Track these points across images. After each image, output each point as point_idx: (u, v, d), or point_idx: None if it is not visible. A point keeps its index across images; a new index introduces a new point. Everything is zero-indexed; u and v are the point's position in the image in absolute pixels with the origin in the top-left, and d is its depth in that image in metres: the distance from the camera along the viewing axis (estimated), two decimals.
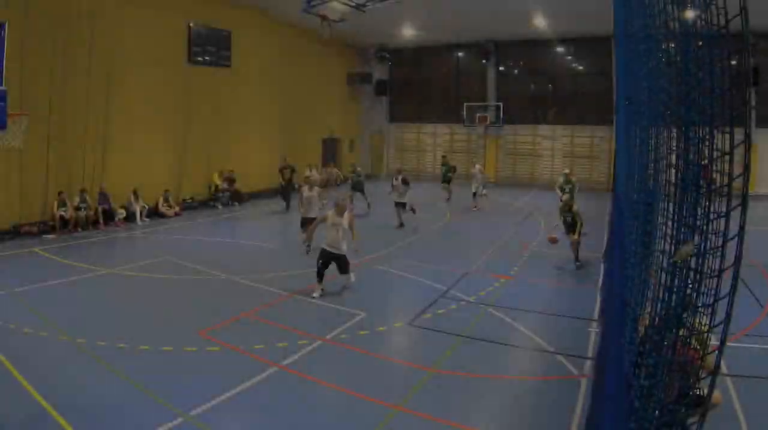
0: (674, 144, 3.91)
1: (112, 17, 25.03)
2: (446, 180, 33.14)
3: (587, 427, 7.80)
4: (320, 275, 14.75)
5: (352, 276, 15.46)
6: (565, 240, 18.42)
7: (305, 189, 20.04)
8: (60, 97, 23.21)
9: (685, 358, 3.38)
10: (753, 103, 32.72)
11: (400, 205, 24.72)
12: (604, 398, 6.62)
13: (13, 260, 18.57)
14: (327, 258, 14.77)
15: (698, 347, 3.37)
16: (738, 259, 2.74)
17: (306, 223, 18.86)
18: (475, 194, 30.73)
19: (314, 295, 14.58)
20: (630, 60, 9.14)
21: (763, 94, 32.41)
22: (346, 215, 15.05)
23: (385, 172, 46.31)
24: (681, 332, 3.30)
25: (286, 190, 28.88)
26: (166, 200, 27.08)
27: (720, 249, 2.88)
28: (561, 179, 26.42)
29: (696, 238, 3.07)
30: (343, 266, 15.07)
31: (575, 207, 18.42)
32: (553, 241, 18.49)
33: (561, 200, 20.18)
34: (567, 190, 24.09)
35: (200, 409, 8.88)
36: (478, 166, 31.26)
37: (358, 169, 30.69)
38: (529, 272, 17.46)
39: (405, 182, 24.53)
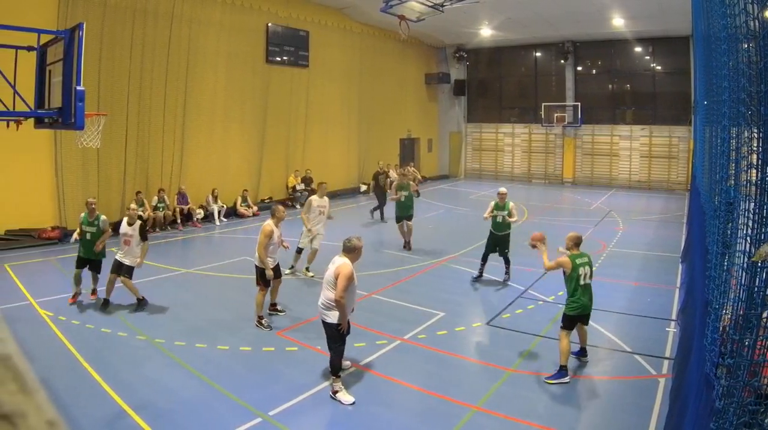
0: (755, 144, 3.90)
1: (190, 17, 25.43)
2: (406, 215, 20.23)
3: (666, 427, 7.76)
4: None
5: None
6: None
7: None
8: (137, 97, 23.63)
9: (765, 358, 3.38)
10: None
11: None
12: (684, 398, 6.60)
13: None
14: None
15: None
16: None
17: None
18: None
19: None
20: (709, 60, 9.06)
21: None
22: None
23: (463, 174, 46.40)
24: (761, 332, 3.31)
25: (380, 197, 27.34)
26: (244, 200, 27.23)
27: None
28: (492, 204, 17.14)
29: None
30: None
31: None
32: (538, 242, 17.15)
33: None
34: (500, 218, 16.77)
35: (278, 409, 9.00)
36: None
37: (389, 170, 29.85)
38: (607, 271, 17.32)
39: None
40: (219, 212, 26.04)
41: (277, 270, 13.09)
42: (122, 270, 13.61)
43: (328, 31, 33.14)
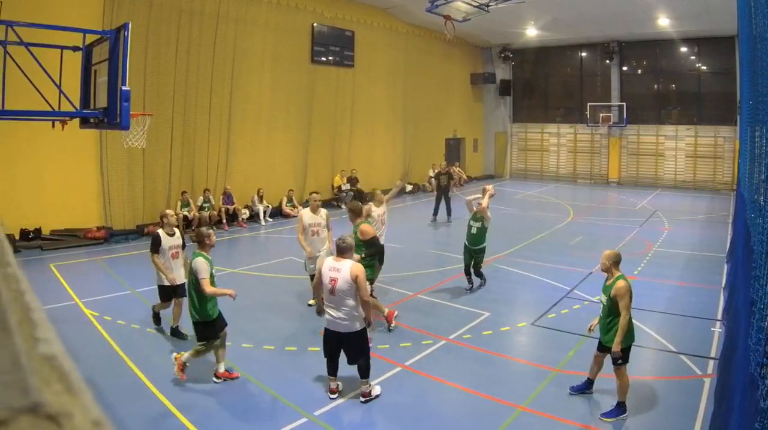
0: None
1: (236, 17, 25.59)
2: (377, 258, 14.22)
3: (712, 427, 7.77)
4: None
5: None
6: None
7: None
8: (183, 97, 23.83)
9: None
10: None
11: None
12: (729, 399, 6.63)
13: (137, 259, 18.86)
14: None
15: None
16: None
17: None
18: None
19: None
20: (755, 60, 9.05)
21: None
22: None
23: (508, 174, 46.34)
24: None
25: (439, 197, 26.86)
26: (289, 200, 27.20)
27: None
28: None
29: None
30: None
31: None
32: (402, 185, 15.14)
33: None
34: (474, 230, 15.29)
35: (324, 409, 9.05)
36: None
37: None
38: (652, 271, 17.25)
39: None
40: (264, 212, 26.15)
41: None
42: (180, 291, 12.06)
43: (373, 31, 33.21)
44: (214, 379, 9.99)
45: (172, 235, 12.26)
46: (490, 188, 15.34)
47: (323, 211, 14.13)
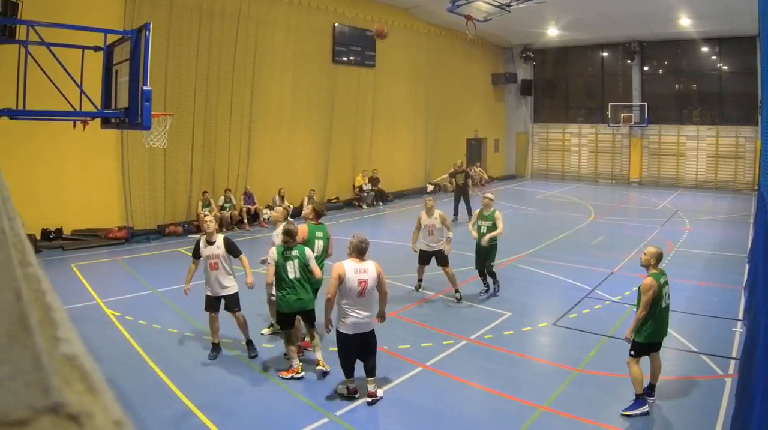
0: None
1: (257, 17, 25.67)
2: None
3: (733, 427, 7.82)
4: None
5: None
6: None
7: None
8: (204, 97, 23.93)
9: None
10: None
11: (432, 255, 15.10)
12: (750, 399, 6.68)
13: (159, 259, 19.12)
14: None
15: None
16: None
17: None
18: None
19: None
20: None
21: None
22: None
23: (530, 174, 46.36)
24: None
25: (458, 196, 26.89)
26: (310, 200, 27.07)
27: None
28: (476, 212, 15.51)
29: None
30: None
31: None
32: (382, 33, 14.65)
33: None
34: (484, 229, 14.80)
35: (345, 409, 9.09)
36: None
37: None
38: (673, 271, 17.14)
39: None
40: None
41: None
42: (227, 304, 11.12)
43: (394, 31, 32.77)
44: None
45: (211, 243, 10.93)
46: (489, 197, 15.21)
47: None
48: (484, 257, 14.96)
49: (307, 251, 10.39)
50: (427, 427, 8.72)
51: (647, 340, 9.07)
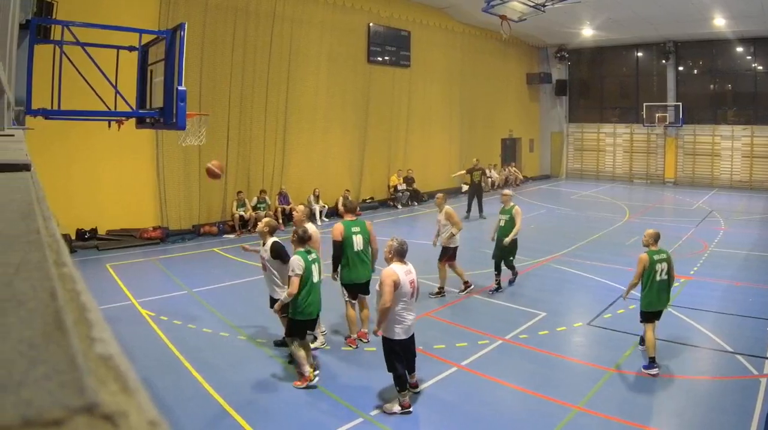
0: None
1: (292, 17, 25.84)
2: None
3: (767, 427, 7.88)
4: None
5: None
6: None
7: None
8: (239, 97, 24.14)
9: None
10: None
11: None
12: None
13: (194, 259, 19.34)
14: None
15: None
16: None
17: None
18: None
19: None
20: None
21: None
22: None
23: (564, 174, 46.29)
24: None
25: (472, 194, 27.36)
26: (345, 200, 26.99)
27: None
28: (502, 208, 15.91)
29: None
30: None
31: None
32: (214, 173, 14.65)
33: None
34: (503, 222, 15.47)
35: (380, 409, 9.13)
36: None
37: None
38: (708, 271, 17.22)
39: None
40: (320, 212, 26.11)
41: None
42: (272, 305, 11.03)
43: (429, 31, 33.28)
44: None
45: (263, 244, 11.04)
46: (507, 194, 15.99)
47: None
48: (507, 252, 15.36)
49: (368, 223, 11.81)
50: (462, 426, 8.75)
51: (646, 308, 10.69)
